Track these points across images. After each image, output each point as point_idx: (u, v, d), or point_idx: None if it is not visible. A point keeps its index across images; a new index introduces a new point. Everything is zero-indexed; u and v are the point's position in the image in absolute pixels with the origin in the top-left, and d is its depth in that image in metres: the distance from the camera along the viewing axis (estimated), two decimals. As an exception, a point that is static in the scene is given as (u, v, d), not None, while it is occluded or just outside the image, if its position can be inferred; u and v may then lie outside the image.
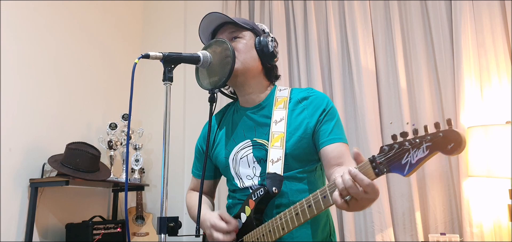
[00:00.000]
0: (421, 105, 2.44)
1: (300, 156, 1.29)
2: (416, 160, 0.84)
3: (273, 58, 1.38)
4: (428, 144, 0.82)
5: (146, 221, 2.86)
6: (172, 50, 1.16)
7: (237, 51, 1.32)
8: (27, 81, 2.39)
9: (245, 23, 1.38)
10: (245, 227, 1.27)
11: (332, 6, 2.74)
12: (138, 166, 2.85)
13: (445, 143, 0.80)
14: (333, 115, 1.32)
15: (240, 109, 1.44)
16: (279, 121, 1.31)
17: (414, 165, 0.84)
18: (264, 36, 1.36)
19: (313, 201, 1.07)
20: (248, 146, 1.35)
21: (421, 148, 0.83)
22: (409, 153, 0.85)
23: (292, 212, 1.13)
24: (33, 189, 2.28)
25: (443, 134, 0.81)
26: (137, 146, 2.89)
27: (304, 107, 1.34)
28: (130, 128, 2.77)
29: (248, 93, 1.39)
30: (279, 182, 1.24)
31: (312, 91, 1.38)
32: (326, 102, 1.33)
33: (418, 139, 0.84)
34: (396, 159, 0.88)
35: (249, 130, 1.37)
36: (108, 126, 2.75)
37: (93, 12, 2.90)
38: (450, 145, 0.79)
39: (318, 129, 1.29)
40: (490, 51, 2.32)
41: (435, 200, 2.34)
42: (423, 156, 0.83)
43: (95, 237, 2.41)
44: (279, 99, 1.37)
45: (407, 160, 0.85)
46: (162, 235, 1.03)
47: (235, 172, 1.37)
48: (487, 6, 2.35)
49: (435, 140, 0.81)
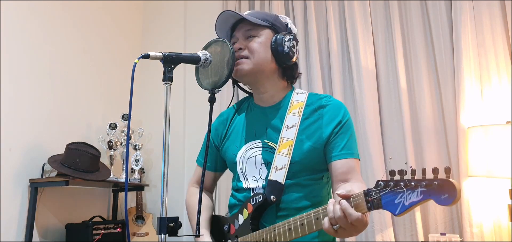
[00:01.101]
0: (421, 105, 2.44)
1: (308, 165, 1.28)
2: (409, 202, 0.84)
3: (289, 59, 1.33)
4: (423, 189, 0.82)
5: (146, 221, 2.86)
6: (172, 50, 1.16)
7: (250, 51, 1.32)
8: (27, 81, 2.39)
9: (264, 20, 1.35)
10: (241, 229, 1.28)
11: (332, 6, 2.74)
12: (138, 166, 2.85)
13: (439, 192, 0.80)
14: (348, 127, 1.29)
15: (255, 107, 1.42)
16: (291, 127, 1.29)
17: (407, 207, 0.84)
18: (282, 34, 1.32)
19: (306, 220, 1.08)
20: (258, 147, 1.34)
21: (415, 191, 0.83)
22: (403, 194, 0.85)
23: (285, 226, 1.13)
24: (33, 189, 2.28)
25: (438, 183, 0.80)
26: (137, 146, 2.89)
27: (320, 116, 1.30)
28: (130, 128, 2.77)
29: (262, 93, 1.38)
30: (279, 190, 1.24)
31: (330, 99, 1.34)
32: (343, 113, 1.30)
33: (413, 183, 0.84)
34: (389, 198, 0.88)
35: (260, 130, 1.36)
36: (108, 126, 2.75)
37: (93, 12, 2.90)
38: (444, 195, 0.79)
39: (331, 141, 1.27)
40: (490, 51, 2.32)
41: (435, 200, 2.34)
42: (416, 200, 0.83)
43: (95, 237, 2.41)
44: (295, 103, 1.34)
45: (400, 201, 0.85)
46: (162, 235, 1.02)
47: (241, 171, 1.36)
48: (487, 6, 2.35)
49: (430, 187, 0.81)
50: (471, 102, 2.28)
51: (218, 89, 1.22)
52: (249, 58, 1.32)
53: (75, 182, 2.31)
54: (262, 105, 1.39)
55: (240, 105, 1.49)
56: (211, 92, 1.23)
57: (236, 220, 1.30)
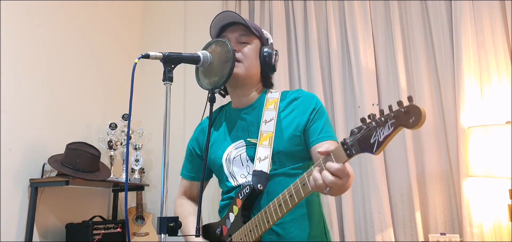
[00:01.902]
0: (421, 105, 2.43)
1: (293, 153, 1.32)
2: (383, 137, 0.89)
3: (273, 71, 1.43)
4: (392, 121, 0.87)
5: (146, 221, 2.86)
6: (172, 50, 1.16)
7: (244, 55, 1.36)
8: (27, 81, 2.39)
9: (256, 30, 1.41)
10: (234, 226, 1.28)
11: (332, 6, 2.74)
12: (138, 166, 2.85)
13: (407, 117, 0.85)
14: (322, 113, 1.36)
15: (233, 111, 1.46)
16: (269, 121, 1.34)
17: (382, 142, 0.89)
18: (269, 47, 1.41)
19: (293, 190, 1.10)
20: (242, 146, 1.36)
21: (386, 125, 0.88)
22: (376, 131, 0.90)
23: (275, 204, 1.14)
24: (33, 189, 2.28)
25: (404, 110, 0.85)
26: (137, 146, 2.89)
27: (295, 107, 1.37)
28: (130, 128, 2.78)
29: (243, 96, 1.42)
30: (265, 179, 1.26)
31: (302, 92, 1.42)
32: (315, 101, 1.37)
33: (383, 118, 0.89)
34: (365, 139, 0.93)
35: (242, 130, 1.39)
36: (108, 126, 2.75)
37: (93, 12, 2.90)
38: (412, 118, 0.84)
39: (308, 127, 1.33)
40: (490, 51, 2.32)
41: (435, 200, 2.34)
42: (388, 133, 0.88)
43: (95, 237, 2.41)
44: (270, 100, 1.41)
45: (375, 139, 0.90)
46: (162, 235, 1.03)
47: (229, 172, 1.37)
48: (487, 6, 2.35)
49: (398, 116, 0.86)
50: (471, 102, 2.28)
51: (218, 89, 1.23)
52: (242, 62, 1.35)
53: (75, 182, 2.31)
54: (240, 107, 1.44)
55: (218, 113, 1.54)
56: (211, 92, 1.23)
57: (227, 220, 1.31)
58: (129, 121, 1.17)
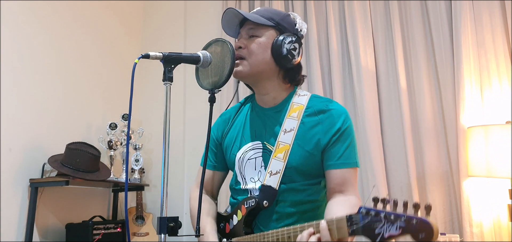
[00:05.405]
0: (421, 105, 2.44)
1: (305, 171, 1.27)
2: (388, 235, 0.87)
3: (288, 61, 1.29)
4: (402, 225, 0.84)
5: (146, 221, 2.86)
6: (172, 50, 1.16)
7: (248, 52, 1.31)
8: (27, 80, 2.39)
9: (270, 19, 1.32)
10: (235, 230, 1.29)
11: (332, 6, 2.74)
12: (138, 166, 2.85)
13: (417, 231, 0.82)
14: (348, 135, 1.27)
15: (256, 107, 1.41)
16: (288, 131, 1.28)
17: (386, 238, 0.87)
18: (285, 35, 1.29)
19: (292, 233, 1.07)
20: (258, 148, 1.33)
21: (394, 225, 0.86)
22: (383, 225, 0.88)
23: (274, 236, 1.12)
24: (33, 189, 2.28)
25: (416, 222, 0.82)
26: (137, 146, 2.89)
27: (319, 121, 1.28)
28: (130, 128, 2.77)
29: (263, 94, 1.37)
30: (272, 196, 1.23)
31: (331, 104, 1.32)
32: (343, 120, 1.27)
33: (393, 216, 0.86)
34: (370, 225, 0.91)
35: (260, 132, 1.35)
36: (108, 126, 2.75)
37: (93, 12, 2.90)
38: (422, 234, 0.81)
39: (328, 148, 1.25)
40: (490, 51, 2.32)
41: (435, 200, 2.34)
42: (394, 234, 0.86)
43: (95, 237, 2.41)
44: (295, 106, 1.31)
45: (380, 232, 0.88)
46: (162, 235, 1.03)
47: (239, 172, 1.36)
48: (487, 6, 2.35)
49: (408, 225, 0.83)
50: (471, 102, 2.28)
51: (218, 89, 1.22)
52: (245, 59, 1.30)
53: (75, 182, 2.31)
54: (263, 106, 1.39)
55: (244, 103, 1.48)
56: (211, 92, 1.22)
57: (231, 220, 1.31)
58: (129, 121, 1.17)
